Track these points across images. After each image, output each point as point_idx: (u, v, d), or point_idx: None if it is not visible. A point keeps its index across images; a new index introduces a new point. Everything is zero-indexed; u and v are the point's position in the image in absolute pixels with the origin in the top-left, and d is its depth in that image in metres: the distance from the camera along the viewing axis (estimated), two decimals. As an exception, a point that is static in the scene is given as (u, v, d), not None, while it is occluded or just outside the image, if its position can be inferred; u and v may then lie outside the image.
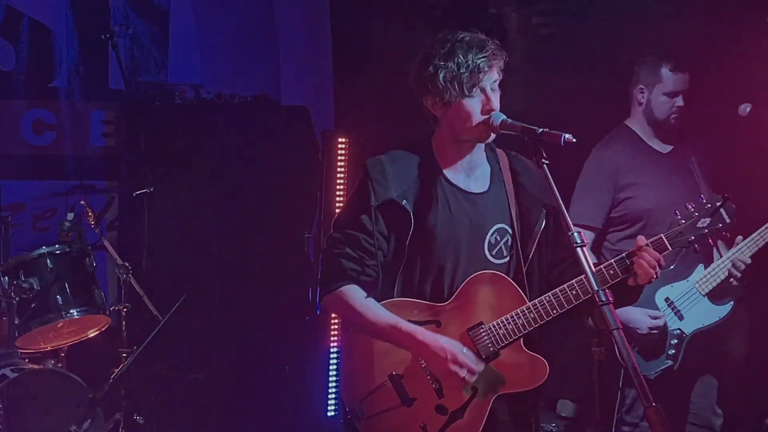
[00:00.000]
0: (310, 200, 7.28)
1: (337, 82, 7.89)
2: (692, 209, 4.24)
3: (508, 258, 4.34)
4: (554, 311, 4.19)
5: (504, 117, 4.15)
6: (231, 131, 7.28)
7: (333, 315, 6.85)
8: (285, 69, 8.10)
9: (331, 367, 6.92)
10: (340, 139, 6.81)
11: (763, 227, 5.77)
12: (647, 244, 4.16)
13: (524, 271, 4.31)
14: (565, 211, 3.90)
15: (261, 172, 7.30)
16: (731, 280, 5.77)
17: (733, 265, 5.74)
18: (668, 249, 4.19)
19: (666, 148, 6.08)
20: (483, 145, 4.35)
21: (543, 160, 3.94)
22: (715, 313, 5.90)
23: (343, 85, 7.84)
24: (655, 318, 5.80)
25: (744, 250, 5.80)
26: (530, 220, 4.35)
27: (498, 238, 4.33)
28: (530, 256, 4.33)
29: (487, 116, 4.17)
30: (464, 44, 4.16)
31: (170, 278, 7.01)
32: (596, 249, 5.91)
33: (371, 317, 4.21)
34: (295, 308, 7.31)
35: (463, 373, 4.15)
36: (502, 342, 4.21)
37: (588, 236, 5.77)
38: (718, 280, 5.84)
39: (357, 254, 4.22)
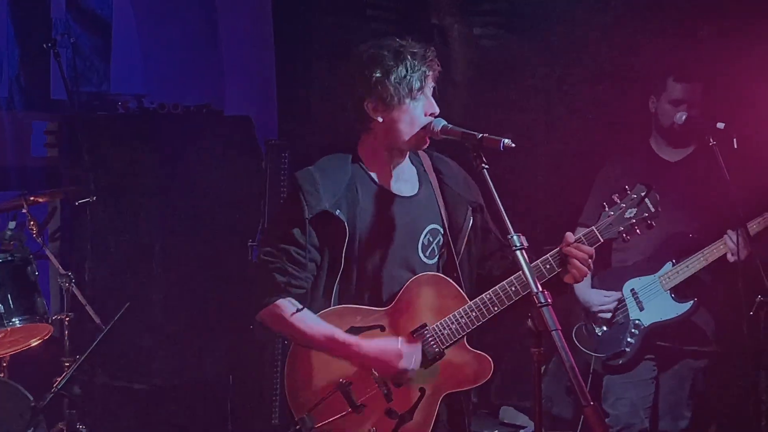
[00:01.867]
0: (254, 209, 7.30)
1: (280, 92, 7.91)
2: (619, 201, 4.31)
3: (438, 257, 4.38)
4: (495, 308, 4.22)
5: (444, 122, 4.19)
6: (174, 141, 7.26)
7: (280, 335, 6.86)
8: (228, 79, 8.10)
9: (275, 376, 6.92)
10: (283, 149, 6.83)
11: (717, 241, 5.93)
12: (579, 238, 4.25)
13: (458, 267, 4.35)
14: (504, 215, 3.95)
15: (204, 182, 7.29)
16: (729, 256, 5.90)
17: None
18: (600, 241, 4.26)
19: (675, 157, 6.22)
20: None
21: (483, 165, 3.97)
22: (675, 309, 6.05)
23: (287, 96, 7.86)
24: (607, 297, 5.97)
25: (698, 258, 5.97)
26: (458, 218, 4.39)
27: (430, 239, 4.36)
28: (461, 253, 4.37)
29: (428, 122, 4.23)
30: (410, 49, 4.19)
31: (113, 287, 6.98)
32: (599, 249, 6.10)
33: (307, 330, 4.18)
34: (238, 317, 7.29)
35: (409, 369, 4.18)
36: (447, 342, 4.24)
37: None
38: (683, 277, 5.98)
39: (289, 268, 4.18)
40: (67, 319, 6.34)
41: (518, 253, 3.83)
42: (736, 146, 5.55)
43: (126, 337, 6.79)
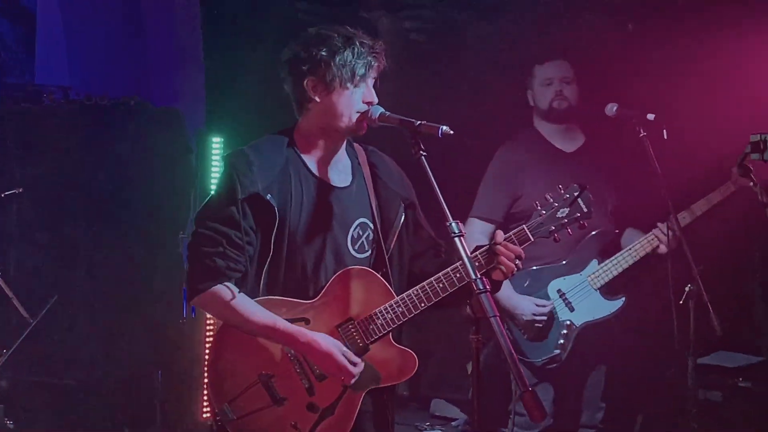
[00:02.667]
0: (183, 201, 7.26)
1: (208, 83, 7.86)
2: (551, 200, 4.34)
3: (369, 252, 4.38)
4: (422, 304, 4.23)
5: (382, 110, 4.21)
6: (101, 133, 7.18)
7: (208, 318, 6.82)
8: (155, 70, 8.03)
9: (204, 371, 6.87)
10: (214, 139, 6.79)
11: (648, 234, 6.00)
12: (510, 236, 4.26)
13: (387, 263, 4.34)
14: (443, 203, 3.96)
15: (132, 174, 7.23)
16: (661, 247, 5.96)
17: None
18: (530, 239, 4.28)
19: (570, 147, 6.27)
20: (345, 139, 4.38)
21: (421, 152, 3.99)
22: (606, 307, 6.10)
23: (215, 87, 7.82)
24: (541, 306, 5.97)
25: (624, 256, 6.03)
26: (390, 214, 4.39)
27: (360, 233, 4.36)
28: (391, 249, 4.37)
29: (366, 108, 4.23)
30: (360, 39, 4.22)
31: (38, 280, 6.89)
32: None
33: (249, 316, 4.14)
34: (168, 310, 7.25)
35: (353, 369, 4.18)
36: (372, 337, 4.24)
37: (486, 229, 6.08)
38: (611, 276, 6.03)
39: (227, 251, 4.13)
40: (-7, 312, 6.28)
41: (456, 240, 3.85)
42: (666, 137, 5.62)
43: (52, 331, 6.70)
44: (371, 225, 4.38)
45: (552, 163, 6.21)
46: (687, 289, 5.56)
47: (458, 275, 4.21)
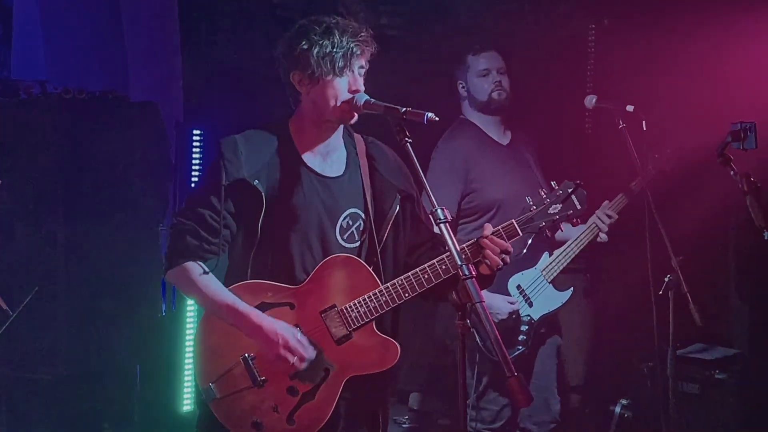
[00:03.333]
0: (161, 194, 7.26)
1: (185, 76, 7.84)
2: (544, 195, 4.38)
3: (359, 242, 4.42)
4: (406, 294, 4.29)
5: (367, 97, 4.26)
6: (79, 127, 7.15)
7: (189, 312, 6.87)
8: (132, 64, 8.01)
9: (186, 363, 6.87)
10: (195, 131, 6.79)
11: (588, 222, 6.05)
12: (498, 230, 4.30)
13: (379, 254, 4.39)
14: (429, 190, 4.00)
15: (110, 167, 7.19)
16: (600, 236, 6.03)
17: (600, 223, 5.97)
18: (519, 234, 4.34)
19: (505, 140, 6.30)
20: (342, 129, 4.43)
21: (406, 139, 4.04)
22: (558, 299, 6.19)
23: (192, 80, 7.80)
24: (512, 303, 5.99)
25: (572, 247, 6.08)
26: (384, 204, 4.44)
27: (350, 223, 4.41)
28: (383, 240, 4.41)
29: (350, 96, 4.26)
30: (340, 26, 4.27)
31: (17, 274, 6.85)
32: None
33: (210, 294, 4.26)
34: (147, 304, 7.24)
35: (292, 359, 4.21)
36: (355, 324, 4.29)
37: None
38: (561, 267, 6.08)
39: (202, 232, 4.25)
40: (-28, 306, 6.23)
41: (442, 225, 3.89)
42: (645, 128, 5.66)
43: (30, 325, 6.67)
44: (363, 215, 4.42)
45: (494, 155, 6.25)
46: (666, 279, 5.61)
47: (443, 267, 4.27)
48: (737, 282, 7.23)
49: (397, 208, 4.45)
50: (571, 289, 6.17)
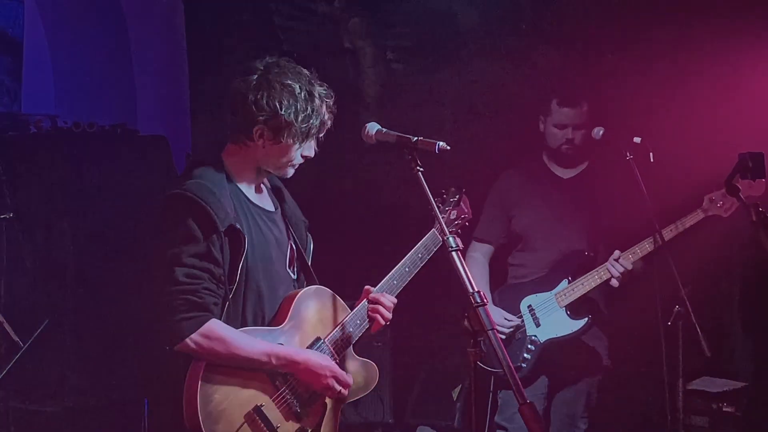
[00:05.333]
0: (171, 228, 7.26)
1: (194, 111, 7.89)
2: (442, 205, 4.64)
3: (297, 272, 4.46)
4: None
5: (379, 126, 4.24)
6: (89, 160, 7.19)
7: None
8: (141, 98, 8.06)
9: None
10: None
11: (606, 264, 6.03)
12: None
13: (316, 281, 4.46)
14: (440, 217, 4.03)
15: (119, 200, 7.24)
16: (613, 281, 6.04)
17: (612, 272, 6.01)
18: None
19: (567, 174, 6.34)
20: None
21: (418, 168, 4.05)
22: (570, 326, 6.17)
23: (200, 114, 7.86)
24: (509, 320, 6.03)
25: (593, 277, 6.09)
26: (302, 234, 4.50)
27: (293, 254, 4.44)
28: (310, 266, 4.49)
29: (301, 161, 4.30)
30: (319, 94, 4.21)
31: (27, 305, 6.86)
32: (494, 264, 6.37)
33: (247, 348, 4.07)
34: (155, 338, 7.21)
35: (338, 387, 4.24)
36: (341, 352, 4.33)
37: (488, 250, 6.40)
38: (577, 295, 6.09)
39: (213, 286, 4.05)
40: (-17, 336, 6.25)
41: (453, 254, 3.90)
42: (652, 160, 5.67)
43: (38, 357, 6.67)
44: (295, 246, 4.45)
45: (542, 185, 6.34)
46: (675, 310, 5.60)
47: (419, 256, 4.49)
48: (742, 314, 7.22)
49: (310, 237, 4.54)
50: (587, 319, 6.16)
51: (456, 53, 7.73)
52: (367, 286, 4.42)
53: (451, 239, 3.91)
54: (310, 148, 4.27)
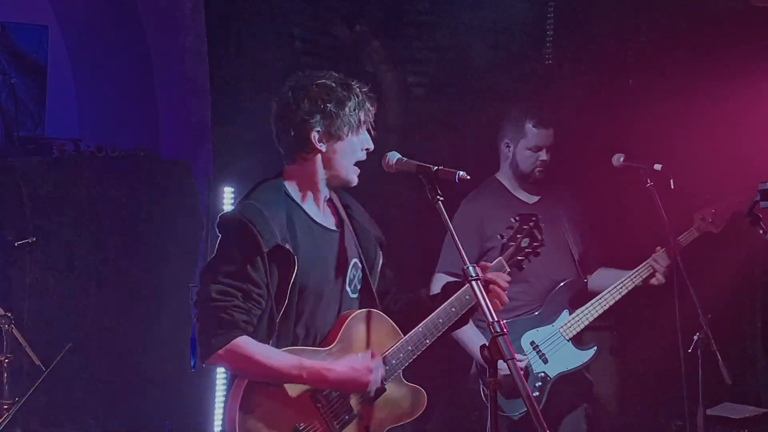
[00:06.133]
0: (191, 251, 7.31)
1: (216, 134, 7.92)
2: (512, 232, 4.57)
3: (359, 292, 4.46)
4: (427, 340, 4.36)
5: (399, 156, 4.26)
6: (112, 184, 7.24)
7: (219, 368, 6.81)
8: (164, 121, 8.10)
9: (215, 420, 6.84)
10: (226, 189, 6.83)
11: (625, 276, 6.02)
12: (486, 267, 4.43)
13: (378, 303, 4.44)
14: (460, 246, 4.03)
15: (141, 224, 7.29)
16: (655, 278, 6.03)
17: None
18: (507, 269, 4.51)
19: (532, 199, 6.30)
20: None
21: (438, 197, 4.07)
22: (579, 357, 6.12)
23: (222, 138, 7.88)
24: (519, 360, 5.97)
25: (606, 298, 6.06)
26: (370, 253, 4.48)
27: (354, 273, 4.44)
28: (376, 288, 4.48)
29: (364, 157, 4.33)
30: (357, 87, 4.31)
31: (49, 329, 6.89)
32: None
33: (275, 364, 4.12)
34: (177, 360, 7.26)
35: (377, 382, 4.24)
36: (388, 376, 4.32)
37: None
38: (582, 326, 6.05)
39: (246, 305, 4.11)
40: (6, 360, 6.25)
41: (474, 283, 3.92)
42: (673, 187, 5.68)
43: (60, 381, 6.70)
44: (360, 265, 4.45)
45: (514, 213, 6.24)
46: (695, 337, 5.59)
47: (453, 309, 4.39)
48: (764, 340, 7.20)
49: (380, 254, 4.52)
50: (595, 347, 6.13)
51: (476, 80, 7.73)
52: (482, 262, 4.46)
53: (470, 268, 3.92)
54: (368, 140, 4.33)
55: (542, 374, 6.04)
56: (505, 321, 5.88)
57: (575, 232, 6.28)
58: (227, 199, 6.77)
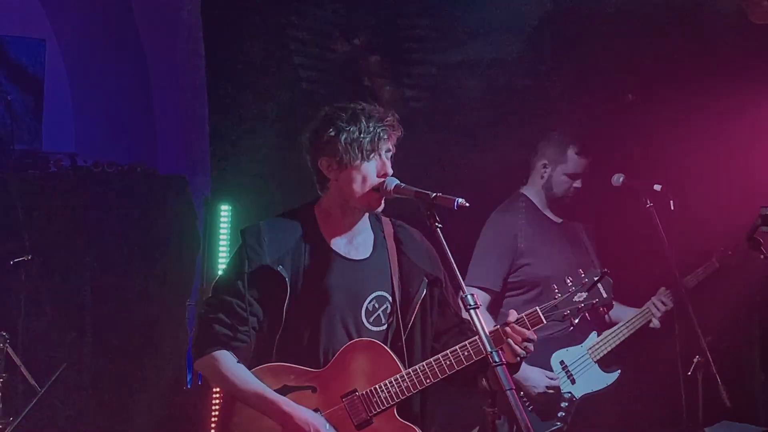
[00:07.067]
0: (188, 268, 7.25)
1: (213, 150, 7.86)
2: (570, 283, 4.34)
3: (386, 325, 4.38)
4: (428, 380, 4.26)
5: (398, 182, 4.23)
6: (109, 199, 7.18)
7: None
8: (161, 138, 8.05)
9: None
10: (223, 207, 6.77)
11: (643, 308, 5.98)
12: (522, 318, 4.27)
13: (403, 338, 4.34)
14: (458, 274, 3.95)
15: (139, 240, 7.23)
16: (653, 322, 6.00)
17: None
18: (543, 322, 4.30)
19: (558, 220, 6.25)
20: (367, 213, 4.39)
21: (436, 224, 4.00)
22: (604, 379, 6.07)
23: (219, 154, 7.82)
24: (552, 379, 5.90)
25: (622, 329, 6.01)
26: (411, 288, 4.40)
27: (377, 305, 4.38)
28: (410, 324, 4.37)
29: (381, 180, 4.23)
30: (366, 112, 4.26)
31: (44, 347, 6.82)
32: (494, 311, 6.00)
33: (239, 384, 4.23)
34: (173, 377, 7.20)
35: None
36: (375, 409, 4.26)
37: (484, 298, 5.97)
38: (609, 348, 6.00)
39: (230, 320, 4.24)
40: (1, 381, 6.18)
41: (472, 312, 3.84)
42: (672, 208, 5.61)
43: (56, 395, 6.64)
44: (389, 298, 4.37)
45: (547, 232, 6.19)
46: (695, 360, 5.54)
47: (466, 353, 4.25)
48: (763, 362, 7.14)
49: (425, 291, 4.40)
50: (618, 371, 6.09)
51: (474, 94, 7.65)
52: (511, 310, 4.33)
53: (468, 297, 3.85)
54: (383, 166, 4.28)
55: (568, 395, 5.99)
56: (537, 337, 5.97)
57: (595, 254, 6.22)
58: (224, 217, 6.68)
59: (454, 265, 3.98)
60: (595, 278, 4.33)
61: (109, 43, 8.13)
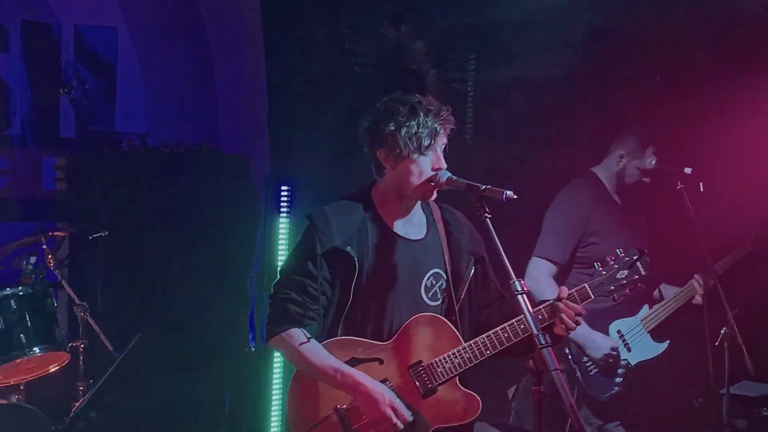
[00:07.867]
0: (250, 243, 7.30)
1: (272, 130, 7.86)
2: (612, 262, 4.33)
3: (441, 300, 4.37)
4: (488, 351, 4.24)
5: (450, 174, 4.20)
6: (177, 177, 7.22)
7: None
8: (224, 118, 8.06)
9: (273, 392, 6.82)
10: (282, 187, 6.76)
11: (687, 285, 6.00)
12: (572, 294, 4.25)
13: (457, 312, 4.34)
14: (507, 263, 3.92)
15: (203, 216, 7.26)
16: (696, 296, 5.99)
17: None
18: (591, 297, 4.29)
19: (620, 202, 6.21)
20: None
21: (486, 215, 3.98)
22: (655, 349, 6.10)
23: (278, 134, 7.81)
24: (613, 344, 5.92)
25: (670, 303, 5.98)
26: (460, 266, 4.38)
27: (434, 282, 4.36)
28: (461, 299, 4.36)
29: (434, 173, 4.20)
30: (424, 106, 4.20)
31: (120, 316, 6.90)
32: (559, 282, 5.96)
33: (313, 359, 4.20)
34: (236, 341, 7.27)
35: (396, 420, 4.16)
36: (440, 379, 4.25)
37: (551, 270, 5.99)
38: (660, 320, 6.01)
39: (302, 299, 4.22)
40: (82, 346, 6.27)
41: (519, 297, 3.84)
42: (702, 190, 5.55)
43: (129, 358, 6.70)
44: (444, 275, 4.37)
45: (613, 214, 6.14)
46: (722, 332, 5.51)
47: (522, 326, 4.22)
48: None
49: (473, 269, 4.40)
50: (668, 342, 6.10)
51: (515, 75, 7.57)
52: (562, 287, 4.32)
53: (516, 283, 3.83)
54: (438, 160, 4.23)
55: (625, 361, 5.99)
56: (595, 309, 5.77)
57: (647, 236, 6.19)
58: (285, 197, 6.68)
59: (503, 253, 3.95)
60: (635, 257, 4.33)
61: (175, 29, 8.13)
